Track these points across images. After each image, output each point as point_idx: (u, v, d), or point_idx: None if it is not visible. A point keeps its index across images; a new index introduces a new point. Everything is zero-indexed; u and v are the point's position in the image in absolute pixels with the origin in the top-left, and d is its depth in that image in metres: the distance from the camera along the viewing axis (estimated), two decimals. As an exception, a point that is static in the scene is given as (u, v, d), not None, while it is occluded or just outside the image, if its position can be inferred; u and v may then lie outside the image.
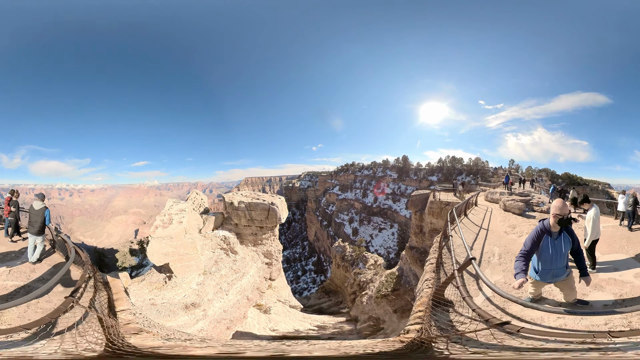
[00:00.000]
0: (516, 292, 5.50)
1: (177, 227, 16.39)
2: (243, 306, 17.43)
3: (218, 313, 15.40)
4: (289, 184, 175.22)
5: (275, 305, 21.70)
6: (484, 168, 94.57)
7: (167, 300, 14.40)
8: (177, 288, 15.31)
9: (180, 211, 18.99)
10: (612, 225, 11.40)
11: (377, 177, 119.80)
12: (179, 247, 15.91)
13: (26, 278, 7.74)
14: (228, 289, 17.11)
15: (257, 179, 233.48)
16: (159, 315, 13.16)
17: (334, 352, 5.36)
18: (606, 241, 9.17)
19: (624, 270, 6.73)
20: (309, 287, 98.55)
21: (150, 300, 14.06)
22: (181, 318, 13.66)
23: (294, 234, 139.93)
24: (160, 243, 15.64)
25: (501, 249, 9.29)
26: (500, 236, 11.08)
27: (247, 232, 23.90)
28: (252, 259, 21.99)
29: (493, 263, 8.25)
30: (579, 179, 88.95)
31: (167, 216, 17.97)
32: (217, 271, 17.80)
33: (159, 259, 15.66)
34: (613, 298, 5.63)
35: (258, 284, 19.91)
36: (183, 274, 15.92)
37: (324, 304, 35.96)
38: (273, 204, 22.89)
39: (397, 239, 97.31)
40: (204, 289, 15.84)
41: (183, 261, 16.01)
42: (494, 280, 6.97)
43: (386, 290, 24.96)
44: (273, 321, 19.63)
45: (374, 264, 34.16)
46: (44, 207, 8.84)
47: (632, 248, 8.52)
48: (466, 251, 7.31)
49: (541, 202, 18.05)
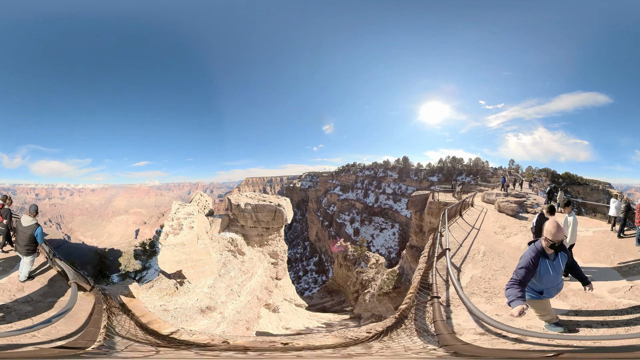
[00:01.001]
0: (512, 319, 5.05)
1: (188, 233, 15.90)
2: (255, 306, 17.66)
3: (233, 314, 15.24)
4: (290, 184, 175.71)
5: (282, 304, 22.14)
6: (483, 168, 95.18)
7: (179, 305, 13.86)
8: (190, 293, 14.80)
9: (189, 215, 18.77)
10: (603, 230, 11.22)
11: (378, 178, 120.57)
12: (192, 254, 15.41)
13: (9, 297, 6.74)
14: (239, 290, 17.16)
15: (258, 179, 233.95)
16: (176, 321, 12.75)
17: (341, 339, 6.40)
18: (593, 248, 9.15)
19: (600, 282, 6.50)
20: (310, 287, 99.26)
21: (162, 307, 13.55)
22: (202, 322, 13.19)
23: (295, 234, 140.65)
24: (172, 251, 14.97)
25: (487, 247, 10.08)
26: (489, 236, 11.80)
27: (253, 233, 24.54)
28: (259, 259, 22.66)
29: (476, 259, 9.14)
30: (580, 179, 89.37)
31: (175, 221, 17.44)
32: (226, 273, 17.72)
33: (172, 267, 15.05)
34: (568, 308, 5.61)
35: (266, 284, 20.53)
36: (197, 279, 15.42)
37: (326, 303, 36.75)
38: (280, 205, 23.60)
39: (398, 238, 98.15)
40: (215, 291, 15.54)
41: (197, 267, 15.56)
42: (472, 274, 8.04)
43: (388, 288, 25.80)
44: (284, 320, 20.00)
45: (376, 263, 34.97)
46: (34, 225, 7.55)
47: (618, 257, 8.28)
48: (457, 247, 8.90)
49: (535, 204, 18.59)
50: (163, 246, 14.99)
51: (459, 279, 7.70)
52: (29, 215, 7.62)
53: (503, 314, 5.79)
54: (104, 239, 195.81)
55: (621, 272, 7.30)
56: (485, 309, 6.02)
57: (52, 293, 7.29)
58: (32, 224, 7.51)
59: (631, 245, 9.11)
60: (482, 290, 7.03)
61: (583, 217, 14.56)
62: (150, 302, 13.31)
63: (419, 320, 5.69)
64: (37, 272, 8.20)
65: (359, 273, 33.39)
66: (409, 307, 6.30)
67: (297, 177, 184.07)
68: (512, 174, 59.17)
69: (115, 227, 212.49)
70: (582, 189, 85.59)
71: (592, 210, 16.32)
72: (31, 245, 7.49)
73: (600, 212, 16.44)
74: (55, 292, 7.38)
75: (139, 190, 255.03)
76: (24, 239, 7.41)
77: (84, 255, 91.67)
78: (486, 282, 7.35)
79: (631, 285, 6.46)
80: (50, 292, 7.33)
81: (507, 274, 7.80)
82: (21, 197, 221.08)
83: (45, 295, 7.08)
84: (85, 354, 4.44)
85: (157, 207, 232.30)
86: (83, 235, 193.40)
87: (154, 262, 24.35)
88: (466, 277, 7.86)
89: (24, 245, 7.40)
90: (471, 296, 6.71)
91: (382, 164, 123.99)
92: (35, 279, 7.81)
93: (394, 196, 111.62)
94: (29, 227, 7.47)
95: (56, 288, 7.48)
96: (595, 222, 12.85)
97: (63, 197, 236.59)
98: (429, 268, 7.54)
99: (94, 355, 4.47)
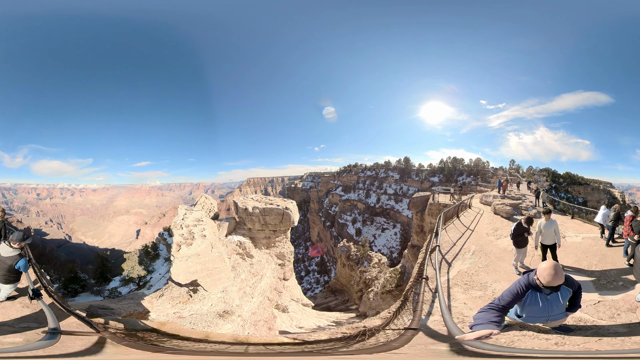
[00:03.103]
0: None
1: (202, 243, 15.44)
2: (267, 307, 17.99)
3: (249, 316, 15.22)
4: (292, 184, 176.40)
5: (290, 304, 22.54)
6: (484, 169, 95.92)
7: (194, 312, 13.40)
8: (204, 300, 14.44)
9: (198, 221, 18.64)
10: (593, 237, 11.21)
11: (380, 178, 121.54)
12: (207, 263, 15.01)
13: None
14: (252, 292, 17.32)
15: (259, 179, 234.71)
16: (197, 327, 12.27)
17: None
18: (577, 255, 9.30)
19: None
20: (313, 287, 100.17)
21: (175, 314, 13.09)
22: (225, 326, 12.84)
23: (296, 234, 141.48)
24: (187, 263, 14.41)
25: (477, 247, 10.96)
26: (480, 237, 12.62)
27: (261, 235, 24.94)
28: (267, 261, 23.24)
29: (466, 257, 10.09)
30: (581, 179, 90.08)
31: (185, 229, 16.99)
32: (236, 276, 17.57)
33: (186, 277, 14.48)
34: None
35: (275, 285, 21.14)
36: (214, 287, 15.02)
37: (331, 302, 37.58)
38: (287, 208, 24.30)
39: (400, 238, 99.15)
40: (228, 295, 15.27)
41: (213, 275, 15.16)
42: (460, 269, 9.12)
43: (390, 287, 26.64)
44: (295, 319, 20.35)
45: (378, 262, 35.82)
46: (16, 256, 6.21)
47: (601, 268, 8.14)
48: (450, 246, 10.43)
49: (531, 206, 19.42)
50: (176, 258, 14.46)
51: (448, 271, 8.97)
52: (12, 244, 6.24)
53: (470, 303, 6.82)
54: (105, 239, 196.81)
55: (596, 285, 7.09)
56: (460, 297, 7.19)
57: (33, 318, 5.76)
58: (13, 255, 6.19)
59: (618, 256, 8.84)
60: (464, 282, 8.09)
61: (575, 221, 14.97)
62: (163, 311, 12.98)
63: (414, 302, 6.81)
64: (17, 295, 6.65)
65: (362, 272, 34.23)
66: (409, 289, 7.56)
67: (298, 178, 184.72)
68: (512, 175, 60.04)
69: (116, 227, 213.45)
70: (583, 189, 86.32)
71: (587, 214, 17.01)
72: (11, 275, 6.27)
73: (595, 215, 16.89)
74: (38, 317, 5.74)
75: (140, 190, 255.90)
76: (2, 268, 6.18)
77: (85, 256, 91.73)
78: (469, 277, 8.41)
79: (599, 299, 6.25)
80: (32, 316, 5.84)
81: (488, 272, 8.75)
82: (22, 197, 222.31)
83: (20, 320, 5.68)
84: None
85: (158, 207, 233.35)
86: (84, 236, 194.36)
87: (158, 266, 24.96)
88: (454, 271, 8.97)
89: (1, 275, 6.20)
90: (454, 286, 7.86)
91: (384, 164, 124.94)
92: (18, 300, 6.50)
93: (396, 196, 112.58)
94: (8, 257, 6.17)
95: (41, 313, 5.67)
96: (587, 228, 13.14)
97: (64, 197, 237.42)
98: (423, 261, 8.98)
99: None
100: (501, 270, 8.81)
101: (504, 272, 8.63)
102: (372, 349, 4.66)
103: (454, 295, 7.31)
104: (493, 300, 4.27)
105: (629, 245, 8.56)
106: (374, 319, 8.20)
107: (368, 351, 4.67)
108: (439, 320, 5.31)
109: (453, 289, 7.68)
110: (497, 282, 7.92)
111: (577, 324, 5.25)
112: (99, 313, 8.65)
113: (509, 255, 9.54)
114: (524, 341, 4.41)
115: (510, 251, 9.72)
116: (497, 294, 6.18)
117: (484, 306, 4.25)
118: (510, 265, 8.94)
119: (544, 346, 4.27)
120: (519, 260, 8.81)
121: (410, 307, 6.97)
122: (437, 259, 8.42)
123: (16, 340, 4.83)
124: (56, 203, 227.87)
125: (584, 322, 5.42)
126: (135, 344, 4.80)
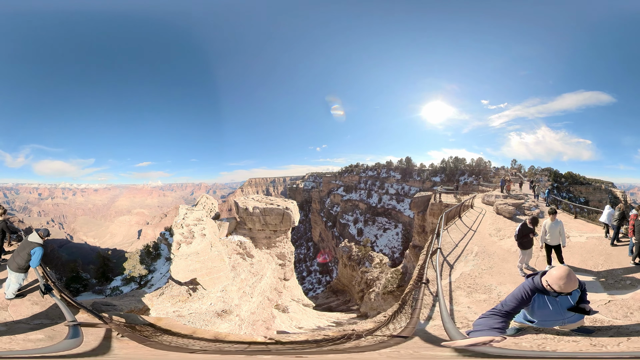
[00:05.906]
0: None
1: (201, 242, 15.65)
2: (267, 307, 17.98)
3: (247, 316, 15.28)
4: (293, 184, 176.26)
5: (291, 305, 22.52)
6: (486, 168, 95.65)
7: (193, 310, 13.54)
8: (204, 299, 14.61)
9: (198, 221, 18.72)
10: (597, 236, 11.07)
11: (382, 178, 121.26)
12: (207, 262, 15.25)
13: None
14: (251, 292, 17.31)
15: (261, 179, 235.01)
16: (195, 326, 11.52)
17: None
18: (582, 255, 9.14)
19: None
20: (314, 287, 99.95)
21: (175, 313, 13.26)
22: (222, 325, 12.99)
23: (298, 234, 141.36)
24: (186, 261, 14.69)
25: (479, 248, 10.65)
26: (483, 237, 12.27)
27: (261, 235, 24.95)
28: (267, 261, 23.16)
29: (468, 258, 9.81)
30: (582, 178, 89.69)
31: (185, 228, 17.10)
32: (236, 276, 17.61)
33: (186, 276, 14.75)
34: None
35: (275, 285, 21.06)
36: (212, 286, 15.23)
37: (332, 302, 37.45)
38: (287, 208, 24.21)
39: (402, 238, 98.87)
40: (227, 295, 15.41)
41: (212, 274, 15.38)
42: (462, 271, 8.89)
43: (392, 287, 26.52)
44: (295, 319, 20.30)
45: (380, 262, 35.69)
46: (35, 244, 6.78)
47: (607, 267, 8.05)
48: (452, 247, 10.16)
49: (534, 206, 19.13)
50: (176, 256, 14.69)
51: (450, 274, 8.71)
52: (37, 234, 6.96)
53: (474, 307, 6.60)
54: (107, 239, 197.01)
55: (604, 285, 6.99)
56: (463, 301, 6.95)
57: (44, 315, 6.01)
58: (34, 243, 6.79)
59: (623, 256, 8.75)
60: (467, 285, 7.84)
61: (578, 221, 14.72)
62: (162, 309, 13.16)
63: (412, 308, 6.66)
64: (28, 288, 7.01)
65: (364, 273, 34.10)
66: (407, 293, 7.39)
67: (300, 178, 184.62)
68: (514, 175, 59.76)
69: (118, 227, 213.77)
70: (585, 189, 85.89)
71: (589, 214, 16.79)
72: (25, 263, 6.71)
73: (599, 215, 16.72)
74: (49, 314, 6.04)
75: (141, 190, 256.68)
76: (20, 254, 6.72)
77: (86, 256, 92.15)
78: (472, 279, 8.16)
79: (610, 299, 6.18)
80: (43, 313, 6.05)
81: (492, 274, 8.46)
82: (24, 197, 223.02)
83: (33, 317, 5.86)
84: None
85: (159, 207, 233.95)
86: (85, 235, 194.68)
87: (159, 265, 24.84)
88: (456, 274, 8.73)
89: (17, 261, 6.67)
90: (456, 290, 7.61)
91: (385, 164, 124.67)
92: (26, 297, 6.71)
93: (397, 196, 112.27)
94: (29, 243, 6.80)
95: (51, 309, 6.12)
96: (591, 227, 12.90)
97: (66, 197, 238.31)
98: (423, 264, 8.76)
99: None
100: (506, 272, 8.56)
101: (508, 274, 8.37)
102: (345, 350, 4.52)
103: (456, 299, 7.10)
104: (495, 306, 4.05)
105: (634, 244, 8.48)
106: (367, 322, 8.00)
107: (340, 352, 4.53)
108: (440, 325, 5.11)
109: (455, 292, 7.45)
110: (502, 284, 7.69)
111: (594, 325, 5.09)
112: (103, 309, 8.77)
113: (513, 257, 9.32)
114: (554, 345, 4.27)
115: (514, 252, 9.51)
116: (502, 297, 6.00)
117: (485, 312, 4.02)
118: (515, 267, 8.72)
119: (577, 349, 4.16)
120: (524, 262, 8.58)
121: (409, 311, 6.83)
122: (438, 261, 8.18)
123: (38, 337, 4.96)
124: (58, 203, 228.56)
125: (600, 323, 5.27)
126: (141, 338, 4.91)
